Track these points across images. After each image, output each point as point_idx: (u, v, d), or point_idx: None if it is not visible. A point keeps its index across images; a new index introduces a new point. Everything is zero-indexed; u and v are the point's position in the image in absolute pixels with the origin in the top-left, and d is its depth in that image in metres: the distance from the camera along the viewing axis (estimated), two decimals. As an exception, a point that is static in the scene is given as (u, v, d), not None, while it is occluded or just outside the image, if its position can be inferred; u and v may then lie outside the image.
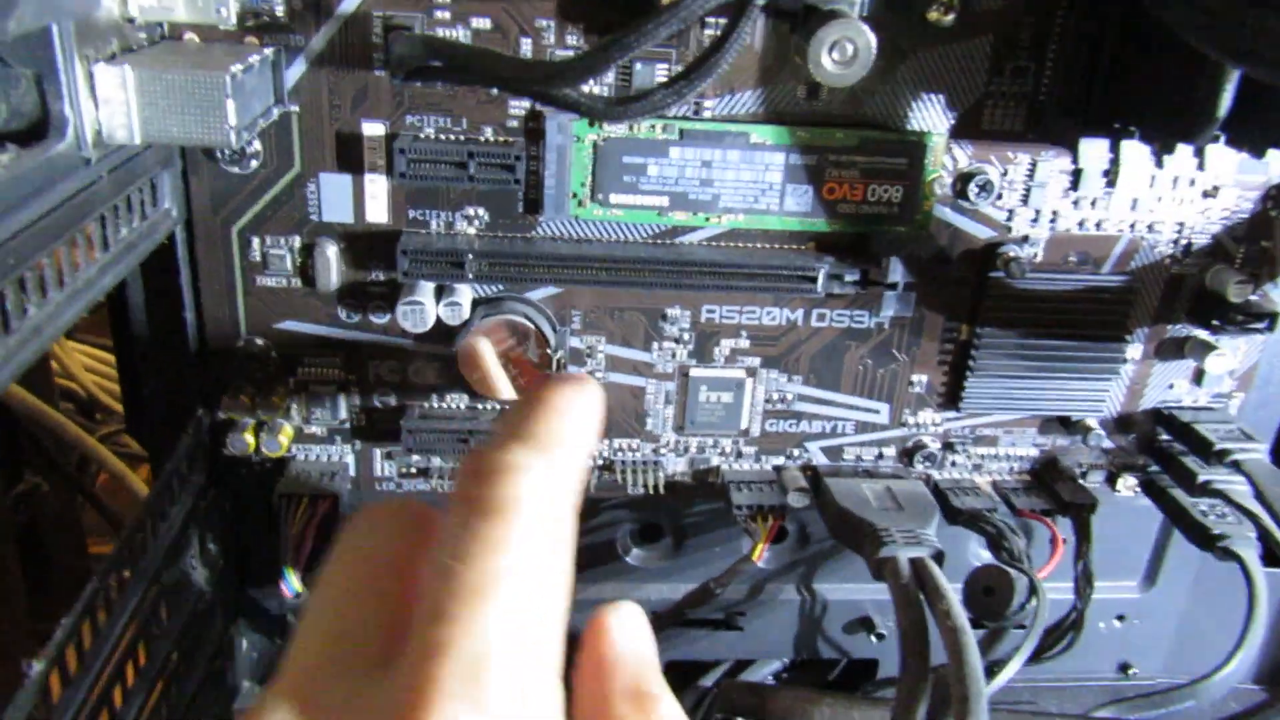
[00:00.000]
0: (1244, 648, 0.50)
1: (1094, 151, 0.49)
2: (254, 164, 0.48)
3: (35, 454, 0.89)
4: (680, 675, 0.67)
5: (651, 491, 0.56)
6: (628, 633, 0.33)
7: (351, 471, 0.56)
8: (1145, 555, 0.66)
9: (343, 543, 0.33)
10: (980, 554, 0.65)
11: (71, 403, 1.10)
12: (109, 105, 0.39)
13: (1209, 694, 0.49)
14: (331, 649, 0.29)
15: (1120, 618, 0.68)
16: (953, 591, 0.47)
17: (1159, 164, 0.50)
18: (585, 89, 0.46)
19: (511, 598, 0.26)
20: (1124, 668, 0.70)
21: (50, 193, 0.36)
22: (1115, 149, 0.49)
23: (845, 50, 0.39)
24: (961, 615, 0.45)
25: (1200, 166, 0.50)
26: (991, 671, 0.51)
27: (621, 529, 0.63)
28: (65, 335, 1.11)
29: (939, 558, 0.50)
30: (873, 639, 0.66)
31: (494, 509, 0.28)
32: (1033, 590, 0.49)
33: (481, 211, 0.50)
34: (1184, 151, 0.48)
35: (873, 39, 0.40)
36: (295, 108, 0.47)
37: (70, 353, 1.09)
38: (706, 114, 0.49)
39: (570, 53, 0.46)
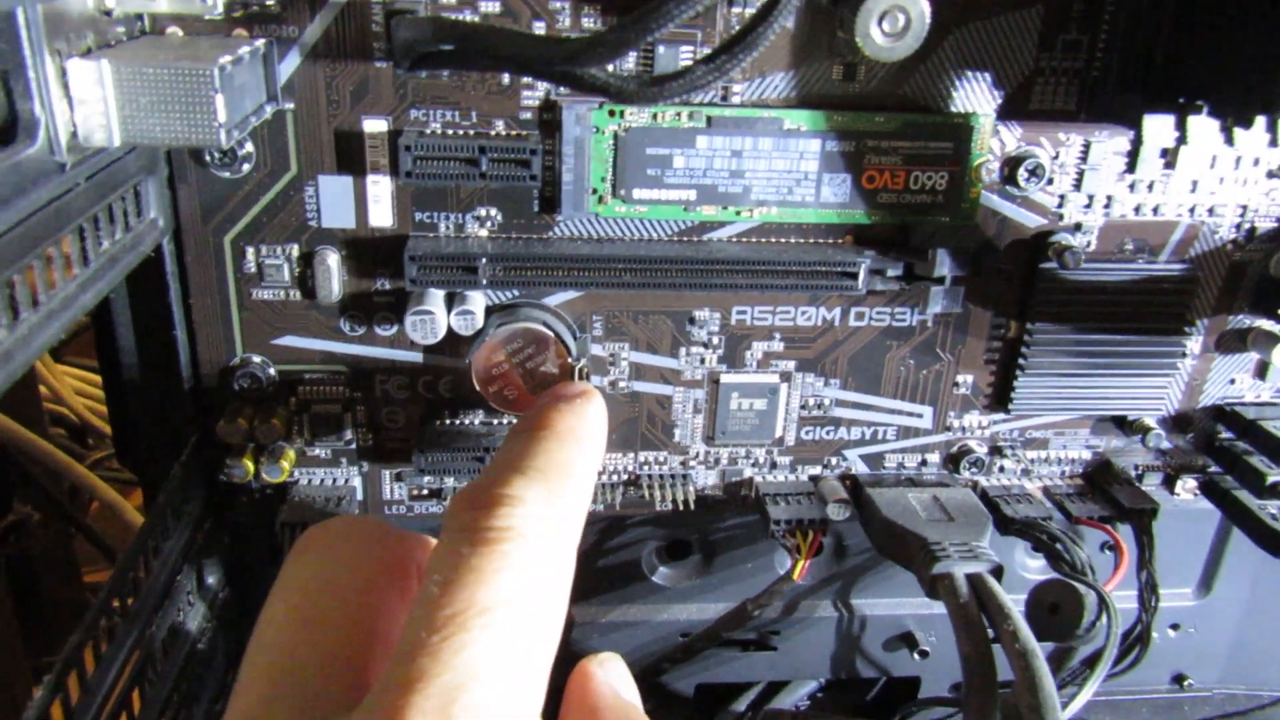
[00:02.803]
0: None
1: (1159, 129, 0.45)
2: (246, 167, 0.44)
3: (24, 483, 0.85)
4: (711, 699, 0.64)
5: (681, 507, 0.52)
6: (612, 683, 0.31)
7: (359, 496, 0.52)
8: (1201, 561, 0.63)
9: (289, 571, 0.30)
10: (1028, 564, 0.62)
11: (62, 428, 1.06)
12: (85, 105, 0.35)
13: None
14: (281, 695, 0.25)
15: (1174, 627, 0.64)
16: (1017, 610, 0.43)
17: (1229, 140, 0.46)
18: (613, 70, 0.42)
19: (497, 632, 0.24)
20: (1179, 679, 0.66)
21: (20, 202, 0.32)
22: (1181, 125, 0.46)
23: (896, 21, 0.36)
24: (1030, 637, 0.41)
25: (1273, 143, 0.46)
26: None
27: (647, 547, 0.59)
28: (54, 357, 1.07)
29: (998, 573, 0.46)
30: (915, 656, 0.62)
31: (489, 539, 0.26)
32: (1103, 605, 0.45)
33: (494, 212, 0.46)
34: (1257, 127, 0.44)
35: (926, 7, 0.36)
36: (290, 105, 0.43)
37: (59, 376, 1.05)
38: (735, 99, 0.45)
39: (591, 31, 0.43)
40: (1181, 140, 0.46)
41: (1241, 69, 0.40)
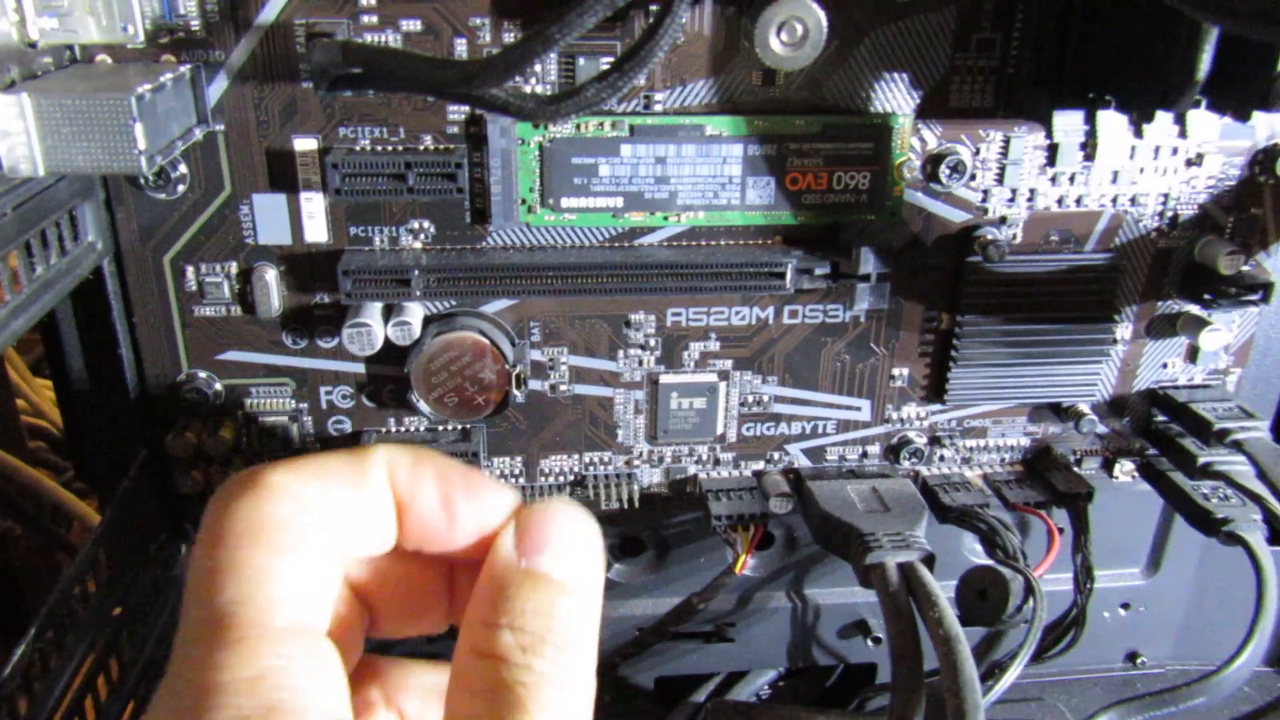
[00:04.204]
0: (1255, 637, 0.48)
1: (1068, 124, 0.46)
2: (181, 188, 0.45)
3: (4, 498, 0.86)
4: (671, 691, 0.65)
5: (626, 506, 0.54)
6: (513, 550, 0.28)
7: (311, 504, 0.53)
8: (1147, 540, 0.64)
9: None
10: (977, 549, 0.63)
11: (44, 441, 1.07)
12: (8, 137, 0.36)
13: (1222, 688, 0.47)
14: None
15: (1125, 606, 0.65)
16: (944, 597, 0.45)
17: (1138, 133, 0.47)
18: (520, 89, 0.43)
19: None
20: (1132, 656, 0.67)
21: (-56, 234, 0.33)
22: (1091, 120, 0.47)
23: (794, 31, 0.37)
24: (954, 623, 0.43)
25: (1182, 134, 0.48)
26: (990, 674, 0.48)
27: (601, 545, 0.60)
28: (33, 372, 1.08)
29: (929, 561, 0.47)
30: (869, 643, 0.64)
31: None
32: (1029, 590, 0.46)
33: (427, 224, 0.47)
34: (1164, 119, 0.45)
35: (823, 17, 0.37)
36: (220, 126, 0.44)
37: (38, 389, 1.06)
38: (658, 107, 0.46)
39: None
40: (1091, 134, 0.47)
41: (1141, 66, 0.41)
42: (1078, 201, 0.50)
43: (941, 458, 0.56)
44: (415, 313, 0.48)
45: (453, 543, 0.28)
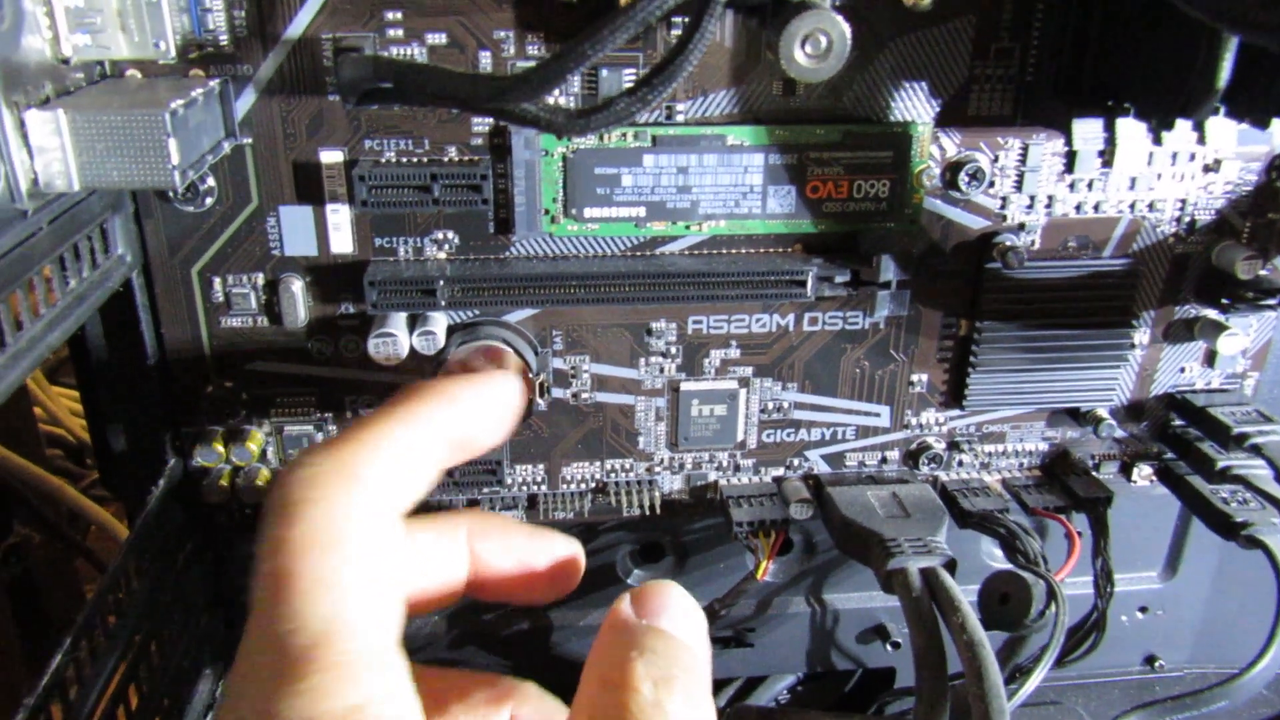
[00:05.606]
0: (1276, 640, 0.48)
1: (1088, 132, 0.47)
2: (209, 201, 0.46)
3: (23, 505, 0.87)
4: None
5: (648, 512, 0.54)
6: (634, 609, 0.30)
7: (335, 512, 0.53)
8: (1165, 544, 0.64)
9: None
10: (995, 553, 0.63)
11: (60, 449, 1.08)
12: (44, 153, 0.37)
13: (1242, 692, 0.47)
14: None
15: (1143, 609, 0.66)
16: (967, 602, 0.45)
17: (1157, 141, 0.47)
18: (547, 101, 0.44)
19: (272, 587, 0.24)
20: (1150, 660, 0.67)
21: (-17, 249, 0.34)
22: (1110, 128, 0.47)
23: (819, 43, 0.37)
24: (978, 628, 0.43)
25: (1200, 140, 0.48)
26: (1012, 678, 0.49)
27: (620, 550, 0.61)
28: (49, 379, 1.09)
29: (951, 566, 0.48)
30: (888, 648, 0.64)
31: (274, 511, 0.26)
32: (1051, 595, 0.47)
33: (451, 235, 0.48)
34: (1182, 126, 0.46)
35: (847, 29, 0.37)
36: (248, 140, 0.45)
37: (55, 398, 1.07)
38: (679, 118, 0.47)
39: (532, 64, 0.44)
40: (1110, 142, 0.47)
41: (1160, 74, 0.41)
42: (1096, 208, 0.50)
43: (960, 463, 0.56)
44: (440, 322, 0.48)
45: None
